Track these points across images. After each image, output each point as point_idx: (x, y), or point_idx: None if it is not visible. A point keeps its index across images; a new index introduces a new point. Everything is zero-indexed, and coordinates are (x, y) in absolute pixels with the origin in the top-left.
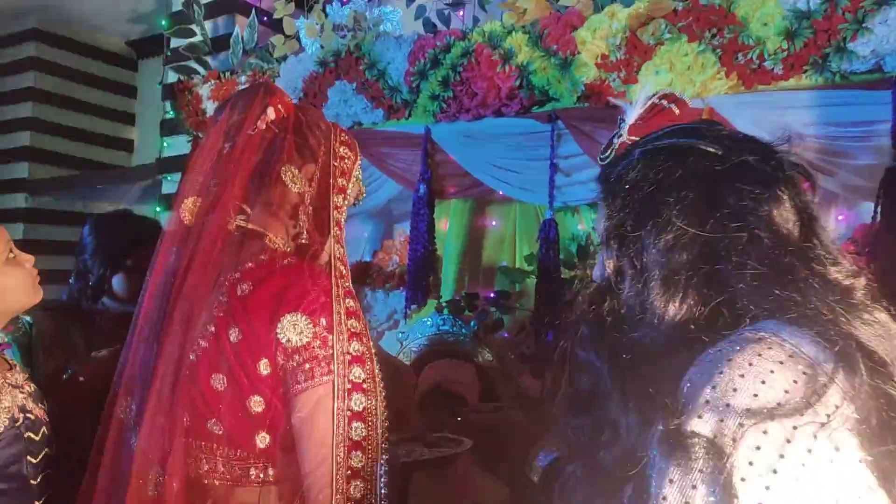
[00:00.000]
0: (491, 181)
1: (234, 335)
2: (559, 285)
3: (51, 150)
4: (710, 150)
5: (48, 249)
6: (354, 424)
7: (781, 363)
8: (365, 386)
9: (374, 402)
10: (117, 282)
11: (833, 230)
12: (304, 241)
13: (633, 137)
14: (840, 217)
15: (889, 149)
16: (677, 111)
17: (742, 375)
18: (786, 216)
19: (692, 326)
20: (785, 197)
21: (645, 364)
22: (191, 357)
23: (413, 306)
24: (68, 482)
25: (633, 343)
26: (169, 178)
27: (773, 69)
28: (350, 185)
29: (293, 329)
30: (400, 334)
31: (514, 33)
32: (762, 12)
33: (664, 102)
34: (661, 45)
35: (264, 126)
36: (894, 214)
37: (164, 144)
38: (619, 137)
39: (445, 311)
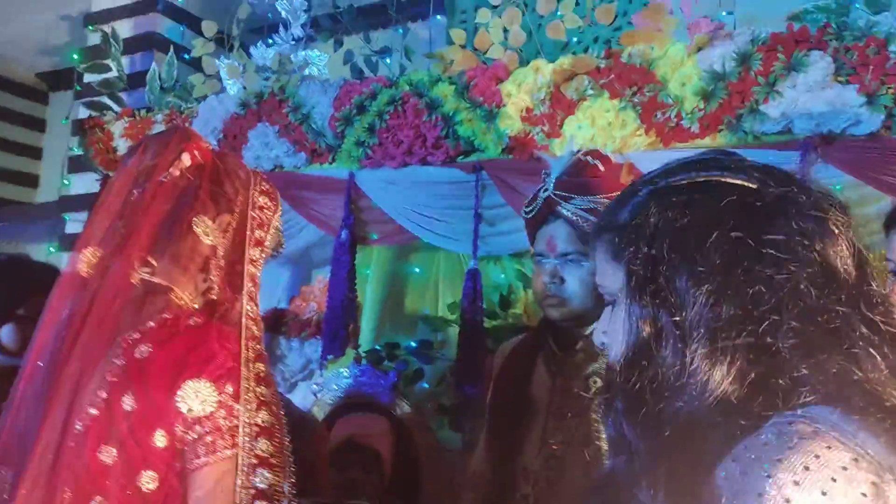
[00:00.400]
0: (415, 228)
1: (128, 403)
2: (482, 335)
3: None
4: (739, 182)
5: None
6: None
7: (845, 469)
8: (272, 461)
9: (280, 479)
10: (7, 333)
11: None
12: (214, 297)
13: (559, 192)
14: None
15: None
16: (602, 167)
17: (797, 483)
18: (842, 255)
19: (733, 400)
20: (837, 231)
21: (678, 445)
22: (77, 426)
23: (329, 356)
24: None
25: (671, 417)
26: (71, 218)
27: (689, 127)
28: (268, 237)
29: (195, 397)
30: (314, 386)
31: (440, 83)
32: (680, 73)
33: (588, 158)
34: (584, 101)
35: (178, 173)
36: None
37: (65, 182)
38: (544, 192)
39: (364, 360)
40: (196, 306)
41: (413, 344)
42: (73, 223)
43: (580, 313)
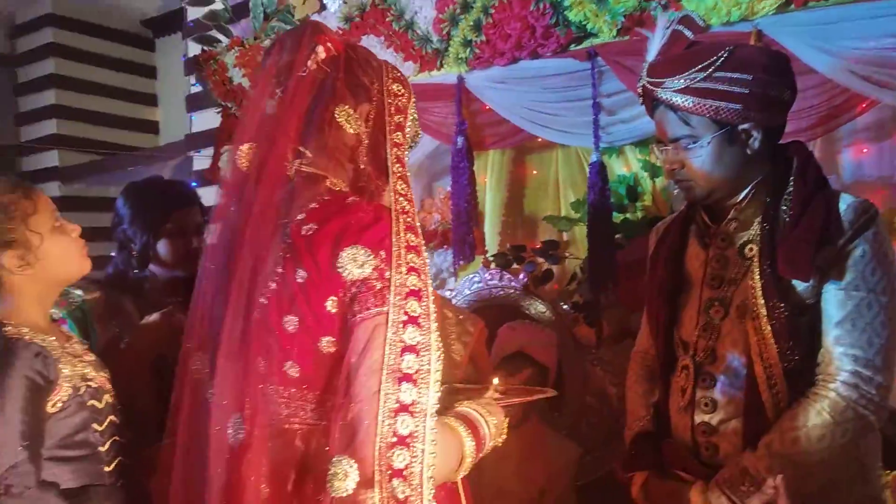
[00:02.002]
0: (530, 127)
1: (300, 276)
2: (611, 230)
3: (77, 136)
4: None
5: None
6: (406, 357)
7: None
8: (420, 321)
9: (428, 338)
10: (161, 247)
11: None
12: (363, 183)
13: (650, 79)
14: None
15: None
16: (692, 35)
17: None
18: None
19: None
20: None
21: None
22: (262, 300)
23: (461, 262)
24: (133, 447)
25: None
26: (199, 154)
27: None
28: (407, 123)
29: (353, 262)
30: (448, 292)
31: None
32: None
33: (681, 28)
34: None
35: (315, 66)
36: None
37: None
38: (639, 81)
39: (493, 265)
40: (348, 190)
41: (539, 245)
42: (201, 159)
43: (714, 189)
